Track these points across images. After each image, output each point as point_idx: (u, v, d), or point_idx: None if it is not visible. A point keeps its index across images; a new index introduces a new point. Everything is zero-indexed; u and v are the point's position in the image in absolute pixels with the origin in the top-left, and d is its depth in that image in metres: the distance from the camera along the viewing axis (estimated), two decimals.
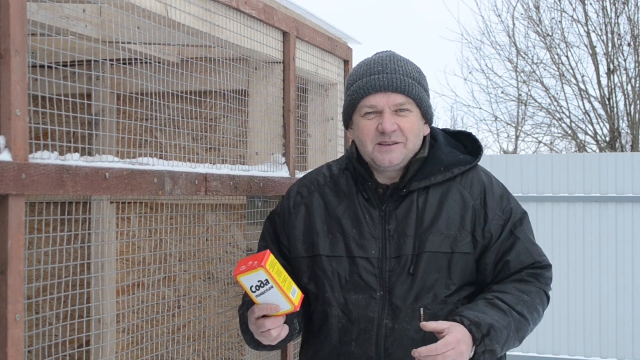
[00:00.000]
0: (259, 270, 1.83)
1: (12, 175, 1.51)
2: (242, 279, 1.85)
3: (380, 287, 2.03)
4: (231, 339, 2.93)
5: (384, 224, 2.06)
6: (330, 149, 3.36)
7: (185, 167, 2.19)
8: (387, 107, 2.01)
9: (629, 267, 7.18)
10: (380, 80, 2.02)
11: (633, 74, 12.76)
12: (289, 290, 1.89)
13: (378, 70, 2.04)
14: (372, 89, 2.02)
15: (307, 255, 2.13)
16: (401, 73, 2.04)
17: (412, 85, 2.03)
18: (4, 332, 1.51)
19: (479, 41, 18.19)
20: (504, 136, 16.49)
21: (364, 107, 2.04)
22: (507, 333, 1.94)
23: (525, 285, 2.04)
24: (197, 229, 3.01)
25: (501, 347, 1.93)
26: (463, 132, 2.24)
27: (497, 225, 2.06)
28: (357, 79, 2.07)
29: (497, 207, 2.07)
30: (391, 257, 2.04)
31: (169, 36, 2.22)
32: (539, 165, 7.54)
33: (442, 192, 2.07)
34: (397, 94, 2.01)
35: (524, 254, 2.06)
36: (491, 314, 1.93)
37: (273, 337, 1.94)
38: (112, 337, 2.98)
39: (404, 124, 2.02)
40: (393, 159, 2.02)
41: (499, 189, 2.12)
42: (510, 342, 1.97)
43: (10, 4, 1.52)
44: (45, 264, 2.35)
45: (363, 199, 2.10)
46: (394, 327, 2.01)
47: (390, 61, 2.06)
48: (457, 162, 2.10)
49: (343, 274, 2.06)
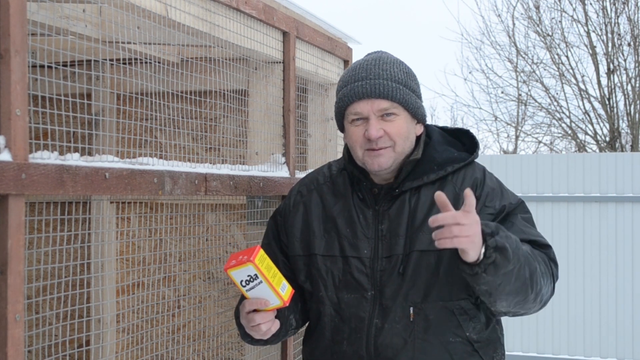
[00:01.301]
0: (248, 265, 1.84)
1: (12, 175, 1.51)
2: (232, 273, 1.87)
3: (371, 286, 2.04)
4: (231, 339, 2.93)
5: (377, 224, 2.07)
6: (330, 149, 3.36)
7: (185, 167, 2.19)
8: (372, 113, 2.01)
9: (629, 267, 7.18)
10: (364, 87, 2.02)
11: (633, 74, 12.76)
12: (279, 285, 1.90)
13: (362, 76, 2.04)
14: (356, 96, 2.02)
15: (304, 254, 2.14)
16: (385, 77, 2.02)
17: (397, 89, 2.02)
18: (4, 332, 1.51)
19: (479, 41, 18.20)
20: (504, 136, 16.51)
21: (350, 115, 2.05)
22: (517, 246, 1.84)
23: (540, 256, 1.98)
24: (197, 229, 3.01)
25: (512, 252, 1.81)
26: (461, 129, 2.24)
27: (488, 218, 2.00)
28: (342, 86, 2.08)
29: (487, 198, 2.05)
30: (383, 257, 2.04)
31: (169, 36, 2.22)
32: (539, 165, 7.54)
33: (435, 191, 2.02)
34: (380, 99, 2.01)
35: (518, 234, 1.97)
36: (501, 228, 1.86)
37: (263, 331, 1.97)
38: (112, 337, 2.98)
39: (390, 129, 2.02)
40: (382, 163, 2.02)
41: (492, 183, 2.10)
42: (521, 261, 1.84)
43: (10, 4, 1.52)
44: (45, 264, 2.35)
45: (358, 199, 2.12)
46: (384, 326, 2.01)
47: (375, 65, 2.06)
48: (451, 160, 2.09)
49: (337, 273, 2.08)
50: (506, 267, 1.81)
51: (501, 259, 1.79)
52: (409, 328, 1.98)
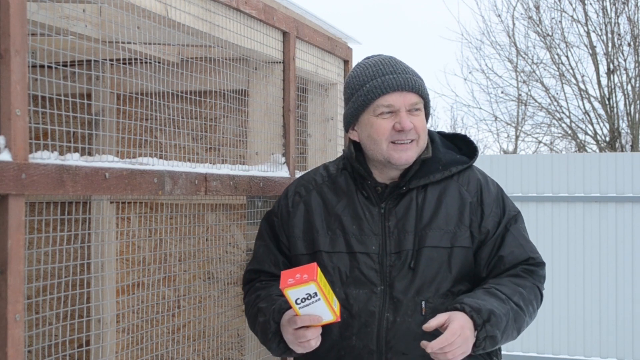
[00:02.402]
0: (310, 284, 1.84)
1: (12, 175, 1.51)
2: (289, 292, 1.86)
3: (381, 281, 2.06)
4: (231, 339, 2.93)
5: (384, 221, 2.10)
6: (330, 149, 3.36)
7: (185, 167, 2.19)
8: (403, 106, 2.07)
9: (629, 267, 7.18)
10: (397, 80, 2.07)
11: (633, 74, 12.76)
12: (332, 301, 1.91)
13: (390, 70, 2.09)
14: (390, 88, 2.06)
15: (308, 252, 2.15)
16: (411, 73, 2.11)
17: (422, 86, 2.12)
18: (4, 332, 1.51)
19: (479, 41, 18.16)
20: (504, 136, 16.51)
21: (380, 107, 2.08)
22: (507, 321, 1.97)
23: (521, 280, 2.07)
24: (197, 229, 3.01)
25: (501, 334, 1.96)
26: (458, 134, 2.30)
27: (493, 222, 2.11)
28: (369, 79, 2.10)
29: (493, 204, 2.12)
30: (391, 252, 2.07)
31: (169, 36, 2.22)
32: (539, 165, 7.54)
33: (441, 190, 2.12)
34: (412, 93, 2.08)
35: (517, 250, 2.10)
36: (490, 301, 1.96)
37: (312, 347, 1.98)
38: (112, 337, 2.98)
39: (417, 123, 2.09)
40: (409, 157, 2.08)
41: (494, 188, 2.18)
42: (509, 332, 2.00)
43: (10, 4, 1.52)
44: (45, 264, 2.35)
45: (362, 197, 2.14)
46: (396, 320, 2.03)
47: (398, 62, 2.13)
48: (455, 162, 2.16)
49: (344, 269, 2.09)
50: (498, 343, 1.99)
51: (491, 344, 1.96)
52: (422, 322, 1.99)
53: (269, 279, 2.21)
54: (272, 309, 2.05)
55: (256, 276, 2.24)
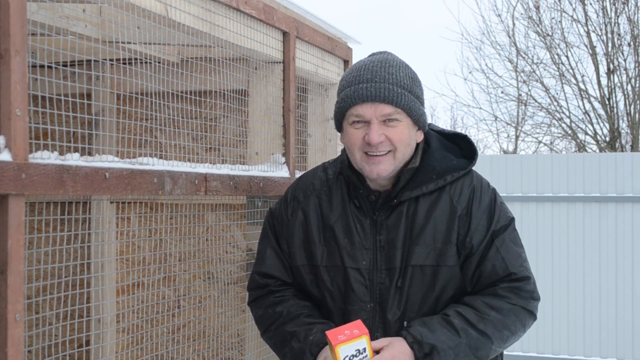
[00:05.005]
0: (362, 338, 1.86)
1: (12, 175, 1.51)
2: (341, 349, 1.86)
3: (370, 298, 2.03)
4: (231, 339, 2.93)
5: (375, 234, 2.05)
6: (330, 149, 3.36)
7: (185, 167, 2.19)
8: (375, 118, 1.96)
9: (629, 267, 7.18)
10: (368, 90, 1.96)
11: (633, 74, 12.76)
12: (372, 353, 1.90)
13: (367, 78, 1.98)
14: (359, 99, 1.96)
15: (307, 263, 2.12)
16: (391, 82, 1.97)
17: (402, 95, 1.97)
18: (4, 332, 1.51)
19: (479, 41, 18.20)
20: (504, 136, 16.53)
21: (352, 116, 2.00)
22: (456, 353, 1.91)
23: (498, 302, 1.99)
24: (197, 229, 3.01)
25: None
26: (459, 134, 2.19)
27: (478, 236, 2.02)
28: (346, 86, 2.02)
29: (481, 216, 2.04)
30: (382, 269, 2.03)
31: (169, 36, 2.22)
32: (539, 165, 7.54)
33: (432, 202, 2.05)
34: (385, 104, 1.96)
35: (499, 264, 2.00)
36: (439, 333, 1.92)
37: None
38: (112, 337, 2.98)
39: (392, 134, 1.98)
40: (381, 170, 1.99)
41: (488, 196, 2.08)
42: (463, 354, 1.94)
43: (10, 4, 1.52)
44: (45, 264, 2.35)
45: (355, 207, 2.09)
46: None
47: (381, 68, 2.00)
48: (450, 169, 2.07)
49: (341, 284, 2.07)
50: None
51: None
52: None
53: (280, 288, 2.17)
54: (310, 340, 2.01)
55: (266, 281, 2.18)
